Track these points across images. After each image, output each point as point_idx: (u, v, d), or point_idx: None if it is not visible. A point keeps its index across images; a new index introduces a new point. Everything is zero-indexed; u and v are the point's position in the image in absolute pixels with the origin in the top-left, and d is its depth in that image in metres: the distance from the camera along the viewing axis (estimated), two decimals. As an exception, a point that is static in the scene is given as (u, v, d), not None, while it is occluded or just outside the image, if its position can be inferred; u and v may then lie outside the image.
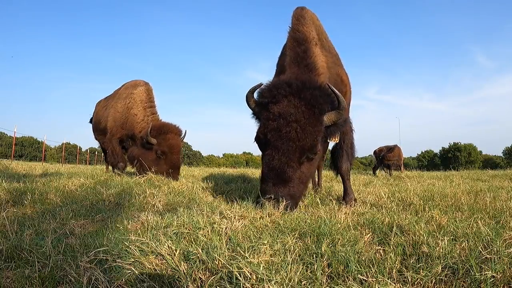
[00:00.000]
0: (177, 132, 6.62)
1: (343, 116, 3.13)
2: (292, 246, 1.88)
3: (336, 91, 3.08)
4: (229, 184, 5.68)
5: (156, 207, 3.22)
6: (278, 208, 2.78)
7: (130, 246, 1.82)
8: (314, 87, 3.05)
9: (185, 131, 6.88)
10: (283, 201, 2.85)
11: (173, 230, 2.16)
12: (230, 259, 1.66)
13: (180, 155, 6.63)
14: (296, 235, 2.11)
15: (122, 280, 1.56)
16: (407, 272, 1.60)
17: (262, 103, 3.14)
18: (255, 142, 3.17)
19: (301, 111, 2.91)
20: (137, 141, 6.67)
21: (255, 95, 3.30)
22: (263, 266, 1.59)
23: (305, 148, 2.93)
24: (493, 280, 1.50)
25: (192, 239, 2.01)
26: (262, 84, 3.22)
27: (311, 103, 2.96)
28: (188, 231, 2.15)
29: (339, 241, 1.95)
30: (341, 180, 4.17)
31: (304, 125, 2.89)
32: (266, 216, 2.66)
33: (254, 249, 1.80)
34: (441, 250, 1.78)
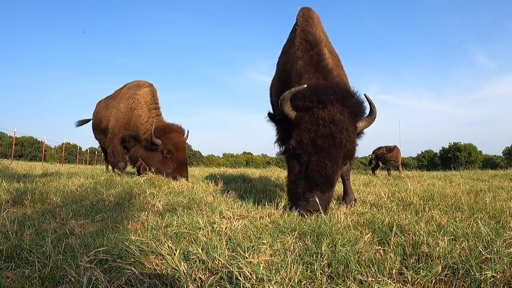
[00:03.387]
0: (180, 131, 6.68)
1: (372, 124, 3.22)
2: (292, 246, 1.88)
3: (372, 100, 3.19)
4: (229, 184, 5.69)
5: (156, 207, 3.22)
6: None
7: (130, 246, 1.82)
8: (354, 95, 3.11)
9: (188, 130, 6.91)
10: (327, 208, 2.97)
11: (173, 230, 2.16)
12: (230, 259, 1.66)
13: (186, 152, 6.68)
14: (296, 235, 2.11)
15: (122, 280, 1.56)
16: (407, 272, 1.60)
17: (303, 107, 3.01)
18: (294, 147, 3.00)
19: (346, 118, 2.94)
20: (142, 142, 6.69)
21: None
22: (263, 266, 1.59)
23: (349, 155, 3.01)
24: (493, 280, 1.50)
25: (192, 239, 2.01)
26: (303, 88, 3.05)
27: (353, 111, 3.02)
28: (188, 231, 2.15)
29: (339, 241, 1.95)
30: (340, 180, 4.17)
31: (349, 132, 2.93)
32: (266, 216, 2.66)
33: (254, 249, 1.80)
34: (441, 250, 1.78)
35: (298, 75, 3.52)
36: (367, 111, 3.20)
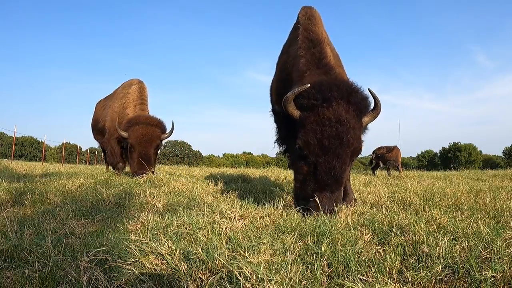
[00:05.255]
0: (149, 122, 6.19)
1: (376, 118, 3.17)
2: (292, 246, 1.88)
3: (376, 95, 3.13)
4: (229, 184, 5.68)
5: (156, 207, 3.22)
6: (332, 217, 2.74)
7: (130, 246, 1.82)
8: (358, 90, 3.08)
9: (172, 122, 6.49)
10: (337, 209, 2.89)
11: (173, 230, 2.16)
12: (230, 259, 1.66)
13: (150, 146, 6.09)
14: (296, 235, 2.11)
15: (122, 280, 1.56)
16: (407, 272, 1.60)
17: (308, 106, 2.96)
18: (300, 147, 2.94)
19: (352, 116, 2.91)
20: None
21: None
22: (263, 266, 1.59)
23: (356, 152, 2.98)
24: (493, 280, 1.50)
25: (192, 239, 2.01)
26: (307, 87, 2.99)
27: (358, 107, 2.98)
28: (188, 231, 2.15)
29: (339, 241, 1.95)
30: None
31: (356, 130, 2.90)
32: (266, 216, 2.66)
33: (254, 249, 1.80)
34: (441, 250, 1.78)
35: (300, 73, 3.51)
36: (371, 105, 3.16)
